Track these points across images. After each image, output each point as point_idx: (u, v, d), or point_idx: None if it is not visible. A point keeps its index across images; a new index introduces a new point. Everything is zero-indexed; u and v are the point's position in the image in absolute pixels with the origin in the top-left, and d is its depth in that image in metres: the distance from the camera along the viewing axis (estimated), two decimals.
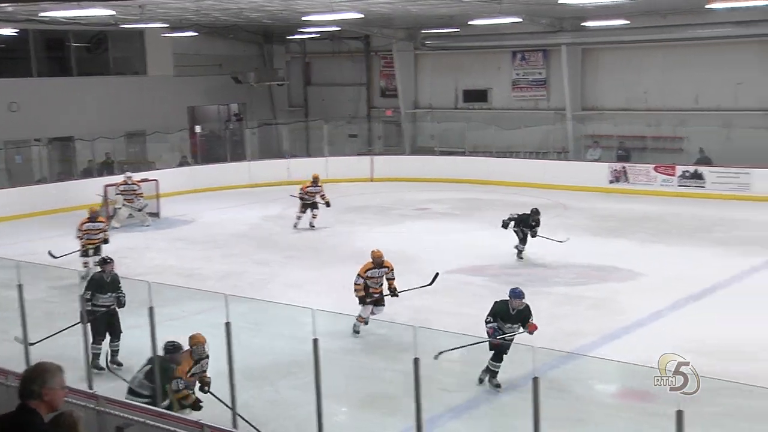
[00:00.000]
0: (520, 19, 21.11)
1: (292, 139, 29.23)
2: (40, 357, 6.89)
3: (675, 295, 12.36)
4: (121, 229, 18.19)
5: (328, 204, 18.18)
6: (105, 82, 25.28)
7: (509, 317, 8.90)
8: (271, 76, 29.86)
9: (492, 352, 8.87)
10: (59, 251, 13.50)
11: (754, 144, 20.95)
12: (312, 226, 18.12)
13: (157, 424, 6.23)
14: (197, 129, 26.72)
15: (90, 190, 19.83)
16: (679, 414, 5.27)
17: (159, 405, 7.48)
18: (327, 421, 7.03)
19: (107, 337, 9.98)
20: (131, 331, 9.95)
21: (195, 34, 26.30)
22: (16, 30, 22.71)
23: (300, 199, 18.20)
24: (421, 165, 25.42)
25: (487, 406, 8.95)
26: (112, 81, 25.60)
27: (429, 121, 27.71)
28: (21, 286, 8.59)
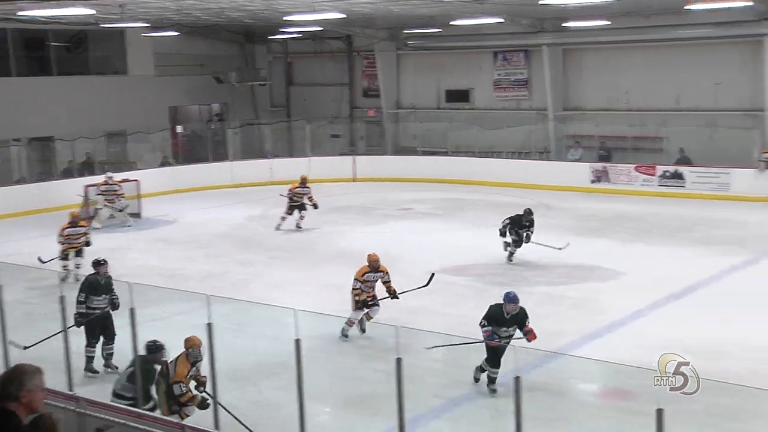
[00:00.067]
0: (501, 20, 21.20)
1: (274, 139, 29.10)
2: (20, 359, 6.85)
3: (656, 295, 12.44)
4: (103, 230, 18.07)
5: (315, 206, 18.13)
6: (85, 82, 25.09)
7: (504, 321, 8.94)
8: (252, 76, 29.81)
9: (487, 355, 8.87)
10: (43, 254, 13.50)
11: (733, 144, 21.11)
12: (299, 227, 18.05)
13: (137, 426, 6.19)
14: (179, 129, 26.59)
15: (70, 191, 19.69)
16: (659, 412, 5.35)
17: (140, 407, 7.43)
18: (309, 421, 7.03)
19: (101, 340, 9.84)
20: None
21: (176, 33, 26.18)
22: None
23: (288, 199, 18.14)
24: (403, 165, 25.45)
25: (469, 406, 8.98)
26: (92, 81, 25.43)
27: (411, 121, 27.71)
28: (0, 287, 8.51)
